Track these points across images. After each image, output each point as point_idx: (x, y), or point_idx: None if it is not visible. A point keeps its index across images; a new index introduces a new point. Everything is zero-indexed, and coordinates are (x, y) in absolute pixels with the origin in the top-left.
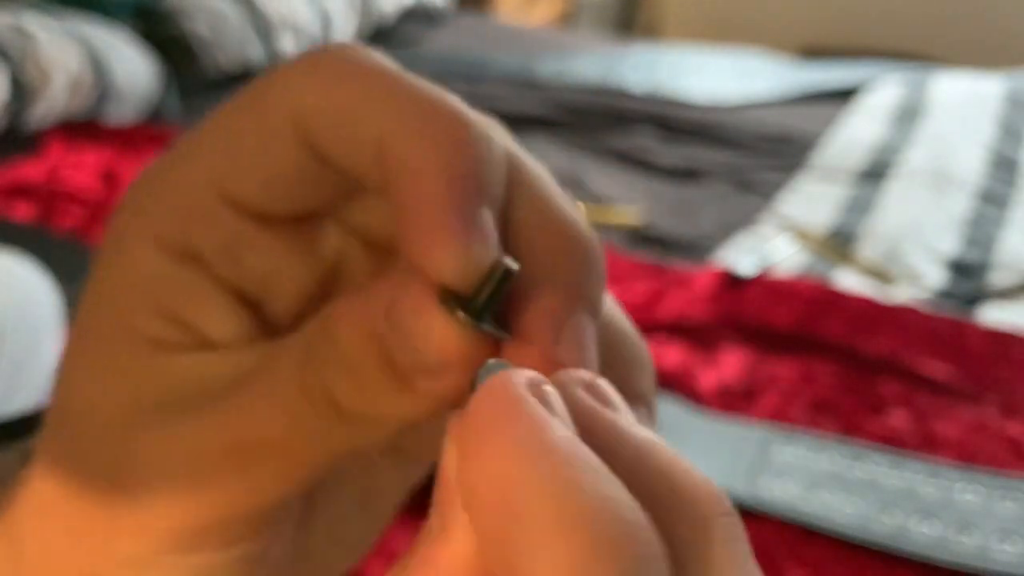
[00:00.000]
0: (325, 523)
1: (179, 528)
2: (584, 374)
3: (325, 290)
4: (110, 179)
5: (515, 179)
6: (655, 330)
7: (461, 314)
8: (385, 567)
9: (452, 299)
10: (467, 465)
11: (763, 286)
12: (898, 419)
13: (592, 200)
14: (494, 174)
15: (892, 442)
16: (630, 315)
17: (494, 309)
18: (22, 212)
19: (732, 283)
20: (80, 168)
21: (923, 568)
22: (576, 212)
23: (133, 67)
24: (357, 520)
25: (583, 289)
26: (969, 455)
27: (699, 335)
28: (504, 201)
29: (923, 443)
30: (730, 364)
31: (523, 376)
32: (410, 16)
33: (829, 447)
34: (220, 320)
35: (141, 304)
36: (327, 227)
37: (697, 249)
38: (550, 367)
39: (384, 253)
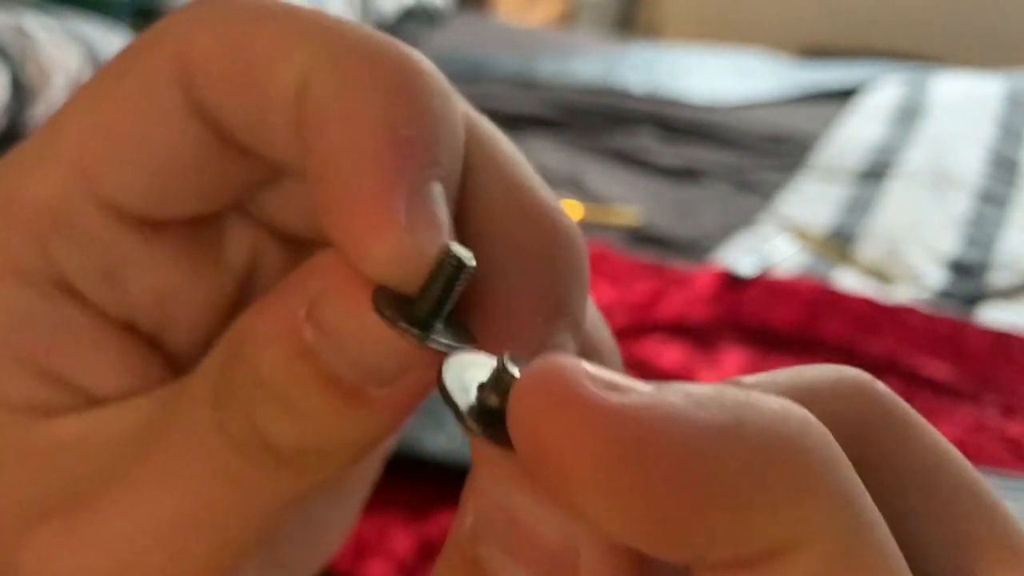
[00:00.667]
0: (293, 532)
1: None
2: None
3: (237, 308)
4: None
5: (478, 152)
6: (655, 330)
7: (403, 323)
8: (385, 567)
9: (391, 301)
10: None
11: (763, 286)
12: None
13: (592, 200)
14: (452, 138)
15: None
16: (630, 315)
17: (446, 309)
18: None
19: (732, 283)
20: None
21: None
22: (553, 197)
23: None
24: (327, 519)
25: (566, 301)
26: (969, 455)
27: (699, 335)
28: (461, 178)
29: None
30: (730, 364)
31: (574, 371)
32: (410, 16)
33: None
34: (105, 367)
35: (6, 356)
36: (233, 225)
37: (697, 249)
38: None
39: (309, 252)
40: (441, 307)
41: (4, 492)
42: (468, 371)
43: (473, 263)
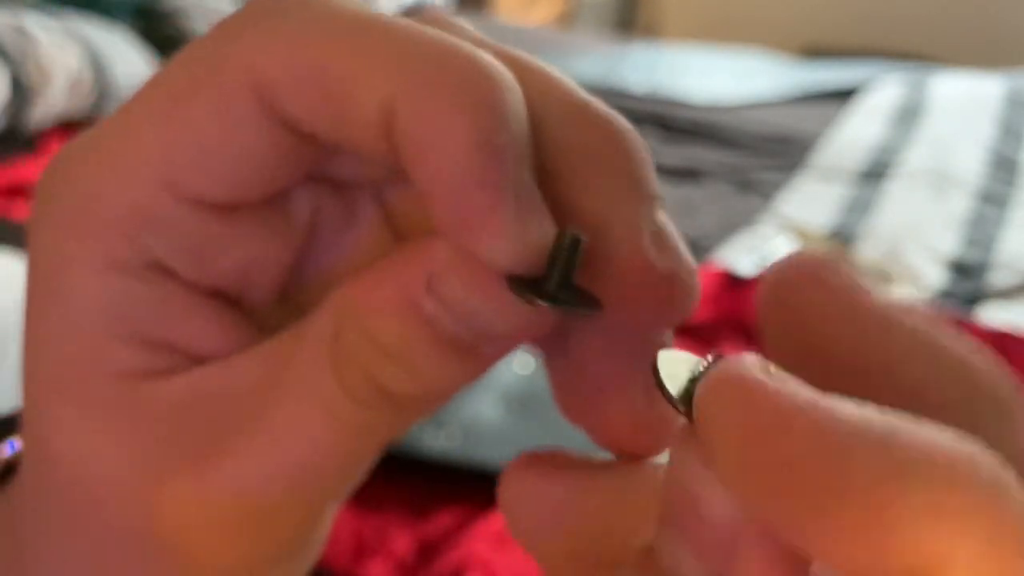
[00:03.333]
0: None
1: (238, 567)
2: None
3: (303, 256)
4: None
5: (536, 86)
6: None
7: (538, 301)
8: (385, 567)
9: (521, 280)
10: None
11: None
12: None
13: None
14: (523, 121)
15: None
16: None
17: (571, 279)
18: (22, 212)
19: (732, 283)
20: None
21: None
22: (603, 104)
23: (133, 67)
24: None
25: (649, 185)
26: None
27: (700, 335)
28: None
29: None
30: None
31: (753, 361)
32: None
33: None
34: (201, 330)
35: (104, 335)
36: (298, 192)
37: (697, 249)
38: (663, 286)
39: (359, 198)
40: (568, 280)
41: (132, 451)
42: (678, 366)
43: (585, 237)
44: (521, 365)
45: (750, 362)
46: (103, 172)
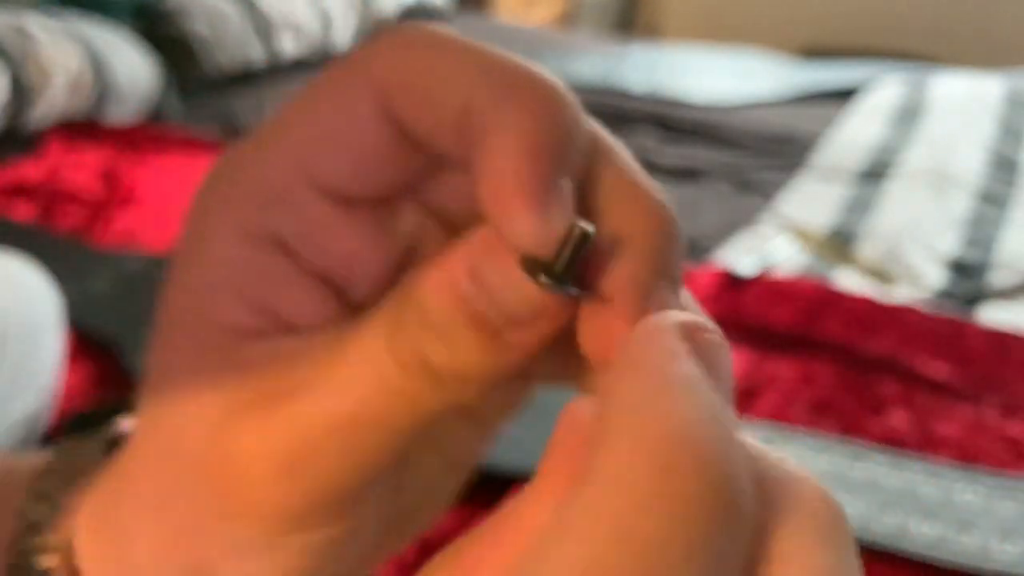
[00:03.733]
0: (416, 486)
1: (288, 511)
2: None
3: (401, 271)
4: (110, 179)
5: (601, 152)
6: None
7: (543, 277)
8: (385, 566)
9: (534, 262)
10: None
11: (763, 286)
12: (898, 419)
13: None
14: (578, 143)
15: (892, 442)
16: None
17: (575, 268)
18: (22, 212)
19: (732, 283)
20: (80, 168)
21: (924, 567)
22: (657, 186)
23: (133, 67)
24: (443, 480)
25: (667, 263)
26: (969, 455)
27: None
28: (586, 172)
29: (923, 443)
30: None
31: (678, 317)
32: (410, 16)
33: (829, 447)
34: (303, 305)
35: (224, 293)
36: (404, 208)
37: (697, 249)
38: (627, 328)
39: (460, 231)
40: (572, 266)
41: (216, 393)
42: None
43: (593, 230)
44: None
45: (676, 316)
46: (251, 156)
